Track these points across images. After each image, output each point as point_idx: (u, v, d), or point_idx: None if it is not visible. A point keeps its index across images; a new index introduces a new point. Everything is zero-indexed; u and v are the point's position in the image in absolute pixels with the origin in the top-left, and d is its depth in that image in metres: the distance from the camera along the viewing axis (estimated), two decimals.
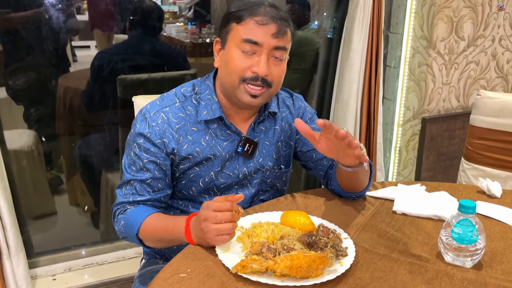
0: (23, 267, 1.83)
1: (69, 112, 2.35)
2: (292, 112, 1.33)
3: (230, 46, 1.14)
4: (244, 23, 1.12)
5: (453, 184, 1.45)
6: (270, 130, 1.29)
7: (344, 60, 2.20)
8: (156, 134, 1.16)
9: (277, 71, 1.15)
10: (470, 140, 1.93)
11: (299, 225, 1.09)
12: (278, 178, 1.33)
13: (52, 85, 2.31)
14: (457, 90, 2.50)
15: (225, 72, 1.16)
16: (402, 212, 1.24)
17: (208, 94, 1.21)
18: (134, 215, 1.16)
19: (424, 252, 1.05)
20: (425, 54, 2.36)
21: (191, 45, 3.07)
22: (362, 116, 2.28)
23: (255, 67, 1.12)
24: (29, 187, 2.27)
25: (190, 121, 1.19)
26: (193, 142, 1.19)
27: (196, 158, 1.20)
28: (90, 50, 2.65)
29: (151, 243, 1.19)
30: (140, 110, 1.21)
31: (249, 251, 0.98)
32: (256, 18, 1.11)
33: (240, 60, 1.12)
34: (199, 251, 1.04)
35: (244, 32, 1.11)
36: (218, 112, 1.19)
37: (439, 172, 2.57)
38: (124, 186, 1.20)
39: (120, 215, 1.19)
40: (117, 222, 1.20)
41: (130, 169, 1.20)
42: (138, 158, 1.17)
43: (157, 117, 1.17)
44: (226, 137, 1.22)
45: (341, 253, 0.99)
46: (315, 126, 1.33)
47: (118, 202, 1.20)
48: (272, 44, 1.11)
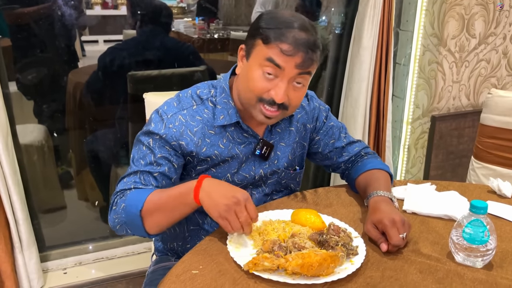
0: (35, 261, 1.86)
1: (79, 107, 2.37)
2: (307, 113, 1.32)
3: (253, 63, 1.10)
4: (270, 46, 1.06)
5: (463, 183, 1.45)
6: (286, 132, 1.29)
7: (354, 57, 2.20)
8: (172, 136, 1.14)
9: (295, 97, 1.12)
10: (480, 139, 1.92)
11: (310, 223, 1.10)
12: (293, 179, 1.34)
13: (62, 80, 2.33)
14: (467, 88, 2.49)
15: (244, 86, 1.13)
16: (412, 211, 1.24)
17: (224, 97, 1.19)
18: (137, 193, 1.09)
19: (435, 251, 1.05)
20: (435, 51, 2.34)
21: (199, 41, 3.07)
22: (372, 113, 2.27)
23: (273, 92, 1.08)
24: (39, 181, 2.30)
25: (207, 124, 1.18)
26: (212, 145, 1.18)
27: (214, 160, 1.19)
28: (99, 44, 2.67)
29: (153, 216, 1.06)
30: (156, 110, 1.19)
31: (261, 249, 0.99)
32: (283, 46, 1.04)
33: (261, 82, 1.08)
34: (211, 247, 1.05)
35: (268, 53, 1.06)
36: (234, 117, 1.18)
37: (447, 171, 2.56)
38: (128, 176, 1.14)
39: (119, 199, 1.10)
40: (115, 210, 1.10)
41: (138, 162, 1.14)
42: (151, 152, 1.14)
43: (175, 119, 1.15)
44: (243, 140, 1.22)
45: (351, 252, 1.00)
46: (332, 124, 1.35)
47: (117, 190, 1.13)
48: (294, 73, 1.07)
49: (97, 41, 2.76)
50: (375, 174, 1.27)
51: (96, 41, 2.76)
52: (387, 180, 1.26)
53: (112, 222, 1.12)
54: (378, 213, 1.08)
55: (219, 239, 1.08)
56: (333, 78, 2.46)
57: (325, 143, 1.35)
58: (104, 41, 2.68)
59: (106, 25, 2.67)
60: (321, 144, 1.36)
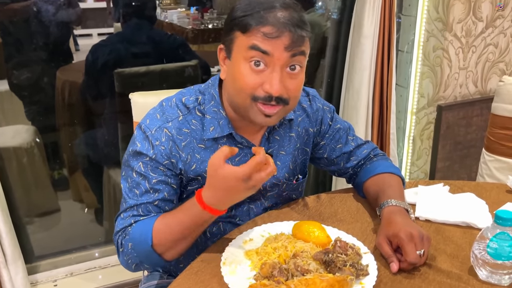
0: (22, 275, 1.75)
1: (68, 107, 2.25)
2: (309, 116, 1.17)
3: (237, 58, 0.96)
4: (250, 34, 0.92)
5: (479, 182, 1.33)
6: (285, 138, 1.14)
7: (355, 46, 2.07)
8: (162, 155, 1.00)
9: (293, 85, 0.97)
10: (491, 129, 1.80)
11: (313, 238, 0.98)
12: (295, 190, 1.20)
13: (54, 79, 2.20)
14: (475, 75, 2.36)
15: (233, 88, 0.99)
16: (425, 218, 1.13)
17: (213, 105, 1.05)
18: (140, 228, 0.98)
19: (455, 267, 0.94)
20: (440, 37, 2.21)
21: (193, 32, 2.94)
22: (374, 105, 2.15)
23: (267, 85, 0.93)
24: (29, 185, 2.19)
25: (196, 138, 1.04)
26: (202, 161, 1.04)
27: (206, 179, 1.06)
28: (92, 38, 2.56)
29: (173, 248, 0.97)
30: (139, 126, 1.04)
31: (259, 273, 0.87)
32: (265, 29, 0.91)
33: (250, 76, 0.94)
34: (202, 271, 0.93)
35: (250, 41, 0.93)
36: (226, 129, 1.04)
37: (455, 162, 2.45)
38: (124, 212, 1.02)
39: (123, 240, 1.00)
40: (124, 251, 1.00)
41: (132, 194, 1.01)
42: (144, 178, 1.00)
43: (160, 134, 1.01)
44: (237, 152, 1.07)
45: (361, 272, 0.89)
46: (339, 126, 1.21)
47: (117, 230, 1.01)
48: (285, 57, 0.93)
49: (90, 35, 2.65)
50: (387, 179, 1.15)
51: (90, 35, 2.65)
52: (400, 186, 1.13)
53: (125, 264, 1.03)
54: (393, 226, 0.96)
55: (212, 260, 0.96)
56: (333, 68, 2.33)
57: (331, 148, 1.21)
58: (98, 34, 2.57)
59: (100, 18, 2.55)
60: (327, 150, 1.22)
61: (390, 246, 0.95)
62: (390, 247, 0.95)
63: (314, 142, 1.20)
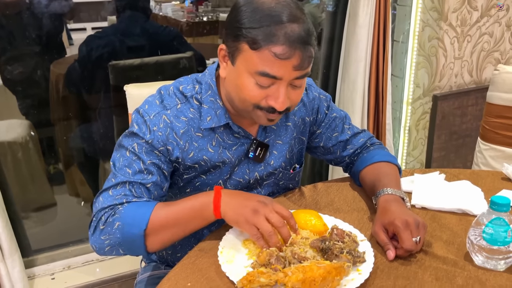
0: (19, 269, 1.74)
1: (62, 101, 2.24)
2: (306, 105, 1.17)
3: (242, 70, 0.93)
4: (259, 52, 0.89)
5: (474, 170, 1.34)
6: (282, 128, 1.14)
7: (350, 37, 2.06)
8: (159, 141, 0.99)
9: (296, 95, 0.97)
10: (487, 118, 1.80)
11: (310, 226, 0.98)
12: (291, 179, 1.20)
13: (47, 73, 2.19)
14: (470, 65, 2.36)
15: (235, 95, 0.98)
16: (421, 206, 1.13)
17: (210, 95, 1.04)
18: (136, 209, 0.93)
19: (451, 253, 0.94)
20: (435, 27, 2.21)
21: (187, 25, 2.93)
22: (370, 95, 2.15)
23: (272, 101, 0.94)
24: (25, 179, 2.18)
25: (193, 126, 1.03)
26: (200, 149, 1.04)
27: (204, 167, 1.06)
28: (87, 32, 2.53)
29: (158, 238, 0.93)
30: (137, 110, 1.03)
31: (256, 261, 0.87)
32: (276, 50, 0.88)
33: (254, 91, 0.93)
34: (199, 260, 0.93)
35: (260, 64, 0.90)
36: (224, 119, 1.03)
37: (451, 152, 2.46)
38: (114, 187, 0.97)
39: (110, 218, 0.93)
40: (105, 230, 0.93)
41: (123, 171, 0.97)
42: (138, 159, 0.98)
43: (158, 120, 1.00)
44: (234, 141, 1.07)
45: (358, 259, 0.89)
46: (335, 115, 1.21)
47: (104, 206, 0.95)
48: (293, 76, 0.92)
49: (85, 29, 2.62)
50: (383, 168, 1.15)
51: (84, 29, 2.63)
52: (396, 175, 1.14)
53: (98, 244, 0.95)
54: (388, 214, 0.96)
55: (210, 249, 0.96)
56: (328, 59, 2.32)
57: (327, 136, 1.21)
58: (92, 28, 2.55)
59: (94, 12, 2.52)
60: (323, 138, 1.22)
61: (386, 234, 0.95)
62: (386, 235, 0.95)
63: (310, 131, 1.20)
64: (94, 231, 0.95)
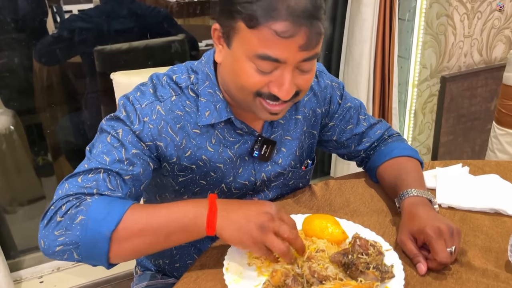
0: (3, 273, 1.62)
1: (46, 88, 2.10)
2: (317, 95, 1.02)
3: (239, 53, 0.79)
4: (258, 30, 0.74)
5: (499, 161, 1.22)
6: (291, 122, 0.99)
7: (354, 16, 1.92)
8: (148, 134, 0.85)
9: (304, 82, 0.82)
10: (503, 101, 1.69)
11: (327, 236, 0.86)
12: (302, 178, 1.07)
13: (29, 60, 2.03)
14: (480, 43, 2.23)
15: (232, 81, 0.83)
16: (448, 205, 1.01)
17: (208, 86, 0.89)
18: (106, 205, 0.75)
19: (490, 263, 0.83)
20: (444, 3, 2.07)
21: (178, 5, 2.77)
22: (376, 78, 2.02)
23: (275, 88, 0.79)
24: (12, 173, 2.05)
25: (190, 121, 0.89)
26: (198, 147, 0.90)
27: (202, 168, 0.92)
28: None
29: (127, 245, 0.75)
30: (126, 96, 0.88)
31: (269, 282, 0.75)
32: (277, 27, 0.73)
33: (255, 77, 0.78)
34: (202, 277, 0.81)
35: (259, 45, 0.75)
36: (224, 114, 0.89)
37: (459, 136, 2.34)
38: (85, 174, 0.80)
39: (73, 209, 0.75)
40: (62, 223, 0.74)
41: (100, 157, 0.81)
42: (121, 145, 0.83)
43: (151, 111, 0.86)
44: (236, 138, 0.93)
45: (386, 275, 0.77)
46: (349, 105, 1.07)
47: (68, 193, 0.77)
48: (298, 58, 0.77)
49: (71, 11, 2.47)
50: (404, 163, 1.02)
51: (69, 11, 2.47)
52: (419, 172, 1.01)
53: (49, 240, 0.75)
54: (417, 220, 0.84)
55: (214, 263, 0.84)
56: (331, 40, 2.18)
57: (341, 129, 1.07)
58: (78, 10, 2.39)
59: None
60: (336, 131, 1.07)
61: (415, 244, 0.83)
62: (415, 244, 0.83)
63: (322, 124, 1.06)
64: (48, 223, 0.76)
